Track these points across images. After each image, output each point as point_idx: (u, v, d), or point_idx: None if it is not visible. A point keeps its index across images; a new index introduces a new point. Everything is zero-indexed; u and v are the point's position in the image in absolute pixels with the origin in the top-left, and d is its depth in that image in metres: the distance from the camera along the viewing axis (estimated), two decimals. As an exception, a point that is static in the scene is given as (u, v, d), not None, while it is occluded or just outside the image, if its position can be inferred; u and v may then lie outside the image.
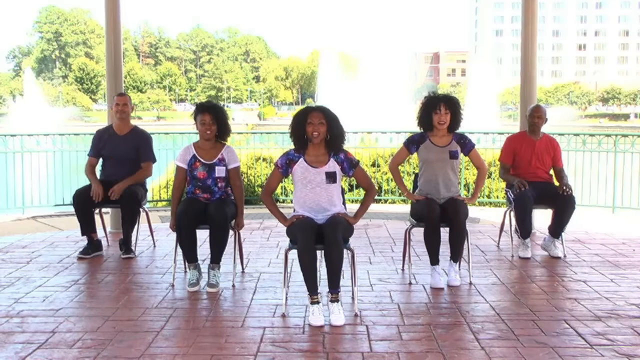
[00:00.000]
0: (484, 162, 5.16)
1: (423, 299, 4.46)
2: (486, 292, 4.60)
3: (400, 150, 5.07)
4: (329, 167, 4.22)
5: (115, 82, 6.81)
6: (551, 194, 5.54)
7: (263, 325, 3.88)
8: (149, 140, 5.94)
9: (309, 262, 3.95)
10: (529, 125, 5.87)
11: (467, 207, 4.78)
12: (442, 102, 4.83)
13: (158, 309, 4.21)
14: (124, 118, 5.88)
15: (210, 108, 4.85)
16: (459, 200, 4.81)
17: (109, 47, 6.87)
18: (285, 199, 9.35)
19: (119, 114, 5.85)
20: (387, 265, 5.42)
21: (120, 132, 5.87)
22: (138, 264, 5.50)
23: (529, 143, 5.79)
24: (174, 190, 4.94)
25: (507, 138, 6.08)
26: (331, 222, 4.07)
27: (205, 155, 4.85)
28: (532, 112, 5.84)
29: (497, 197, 9.24)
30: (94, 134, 6.02)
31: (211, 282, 4.66)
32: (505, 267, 5.39)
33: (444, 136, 4.91)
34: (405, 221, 5.49)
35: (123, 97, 5.95)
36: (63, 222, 7.58)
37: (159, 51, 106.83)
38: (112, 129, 5.93)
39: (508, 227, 5.94)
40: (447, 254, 4.86)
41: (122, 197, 5.54)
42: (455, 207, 4.70)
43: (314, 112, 4.17)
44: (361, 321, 3.97)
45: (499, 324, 3.91)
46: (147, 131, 6.12)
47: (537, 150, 5.74)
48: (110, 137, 5.86)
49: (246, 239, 6.23)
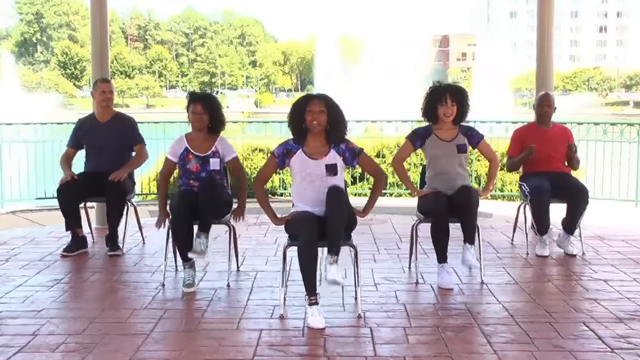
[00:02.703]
0: (496, 153, 5.14)
1: (431, 300, 4.46)
2: (499, 292, 4.60)
3: (405, 145, 5.06)
4: (329, 159, 4.22)
5: (101, 67, 6.79)
6: (568, 187, 5.53)
7: (260, 328, 3.88)
8: (134, 124, 6.00)
9: (309, 260, 3.94)
10: (538, 115, 5.88)
11: (478, 197, 4.77)
12: (448, 93, 4.82)
13: (147, 310, 4.21)
14: (109, 106, 5.89)
15: (202, 98, 4.88)
16: (469, 187, 4.79)
17: (94, 29, 6.85)
18: (284, 192, 9.35)
19: (105, 102, 5.86)
20: (392, 263, 5.42)
21: (102, 120, 5.89)
22: (126, 262, 5.50)
23: (539, 134, 5.79)
24: (160, 183, 4.97)
25: (515, 130, 6.10)
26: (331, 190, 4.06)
27: (198, 147, 4.86)
28: (541, 101, 5.84)
29: (511, 190, 9.23)
30: (76, 123, 6.04)
31: (195, 248, 4.56)
32: (520, 265, 5.38)
33: (450, 129, 4.92)
34: (412, 216, 5.49)
35: (109, 84, 5.95)
36: (45, 217, 7.58)
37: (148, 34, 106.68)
38: (94, 117, 5.95)
39: (523, 222, 5.94)
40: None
41: (107, 189, 5.54)
42: (464, 196, 4.68)
43: (314, 99, 4.18)
44: (365, 323, 3.97)
45: (512, 327, 3.90)
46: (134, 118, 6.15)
47: (549, 140, 5.73)
48: (93, 126, 5.88)
49: (242, 235, 6.23)
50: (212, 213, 4.71)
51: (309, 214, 4.12)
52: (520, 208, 5.98)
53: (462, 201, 4.67)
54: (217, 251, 5.64)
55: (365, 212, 4.31)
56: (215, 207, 4.73)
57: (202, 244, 4.61)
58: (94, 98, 5.96)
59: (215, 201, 4.72)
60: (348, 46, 73.11)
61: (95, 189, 5.59)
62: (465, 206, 4.66)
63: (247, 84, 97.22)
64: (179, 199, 4.65)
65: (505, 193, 9.27)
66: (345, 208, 4.04)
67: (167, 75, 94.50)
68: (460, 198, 4.69)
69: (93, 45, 6.90)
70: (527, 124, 6.14)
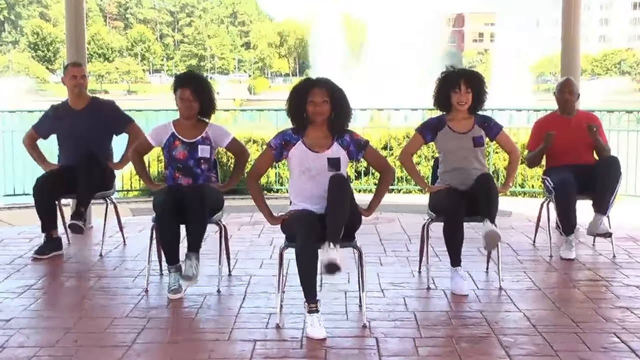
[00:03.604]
0: (516, 145, 5.14)
1: (444, 307, 4.46)
2: (519, 299, 4.60)
3: (414, 139, 5.06)
4: (332, 152, 4.22)
5: (76, 49, 6.79)
6: (595, 175, 5.48)
7: (254, 338, 3.89)
8: (114, 106, 6.06)
9: (308, 263, 3.93)
10: (559, 103, 5.88)
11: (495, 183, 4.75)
12: (462, 79, 4.82)
13: (129, 319, 4.21)
14: (82, 92, 5.90)
15: (191, 81, 4.87)
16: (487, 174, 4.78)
17: (68, 6, 6.84)
18: (280, 189, 9.36)
19: (77, 88, 5.85)
20: (400, 266, 5.42)
21: (76, 107, 5.89)
22: (105, 266, 5.50)
23: (562, 124, 5.79)
24: (133, 158, 5.05)
25: (535, 122, 6.10)
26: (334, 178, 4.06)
27: (186, 133, 4.88)
28: (562, 88, 5.84)
29: (533, 186, 9.24)
30: (48, 109, 6.05)
31: (185, 273, 4.53)
32: (542, 269, 5.39)
33: (465, 119, 4.92)
34: (422, 214, 5.49)
35: (80, 68, 5.96)
36: (14, 216, 7.59)
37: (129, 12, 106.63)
38: (68, 105, 5.96)
39: (546, 221, 5.94)
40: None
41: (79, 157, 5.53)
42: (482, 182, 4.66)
43: (317, 88, 4.17)
44: (370, 333, 3.97)
45: (534, 337, 3.91)
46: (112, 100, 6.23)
47: (573, 130, 5.73)
48: (67, 114, 5.88)
49: (234, 236, 6.24)
50: (202, 227, 4.68)
51: (308, 212, 4.12)
52: (544, 205, 5.98)
53: (481, 183, 4.65)
54: (206, 253, 5.62)
55: (371, 211, 4.31)
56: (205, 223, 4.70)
57: (192, 267, 4.54)
58: (65, 84, 5.95)
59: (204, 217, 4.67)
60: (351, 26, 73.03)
61: (72, 185, 5.58)
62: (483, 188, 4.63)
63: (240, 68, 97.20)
64: (164, 200, 4.64)
65: (527, 189, 9.27)
66: (348, 194, 4.03)
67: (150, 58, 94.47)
68: (478, 182, 4.68)
69: (67, 25, 6.89)
70: (548, 114, 6.14)
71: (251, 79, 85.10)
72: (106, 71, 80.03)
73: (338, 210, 3.97)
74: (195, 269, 4.56)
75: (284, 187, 9.22)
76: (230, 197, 6.47)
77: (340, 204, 3.98)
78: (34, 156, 5.90)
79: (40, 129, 5.93)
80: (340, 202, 3.98)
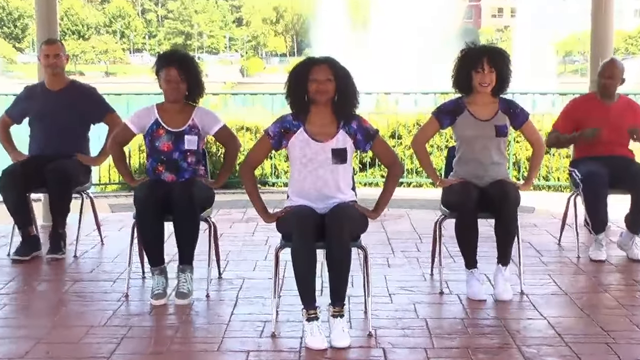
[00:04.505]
0: (541, 135, 5.13)
1: (458, 314, 4.47)
2: (543, 305, 4.61)
3: (429, 123, 5.05)
4: (337, 142, 4.21)
5: (47, 26, 6.79)
6: (631, 174, 5.51)
7: (246, 349, 3.89)
8: (95, 92, 6.08)
9: (306, 265, 3.95)
10: (599, 86, 5.86)
11: (519, 192, 4.77)
12: (485, 57, 4.80)
13: (107, 328, 4.22)
14: (57, 73, 5.90)
15: (176, 60, 4.85)
16: (507, 182, 4.80)
17: (39, -23, 6.83)
18: (276, 182, 9.36)
19: (50, 68, 5.86)
20: (410, 268, 5.43)
21: (53, 88, 5.90)
22: (80, 268, 5.51)
23: (600, 109, 5.77)
24: (113, 147, 5.05)
25: (570, 101, 6.08)
26: (335, 213, 4.07)
27: (171, 120, 4.86)
28: (602, 71, 5.82)
29: (558, 178, 9.24)
30: (22, 90, 6.09)
31: (181, 289, 4.63)
32: (569, 272, 5.40)
33: (488, 104, 4.90)
34: (434, 211, 5.49)
35: (54, 46, 5.95)
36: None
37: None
38: (44, 86, 5.97)
39: (573, 218, 5.94)
40: (490, 254, 4.86)
41: (49, 174, 5.53)
42: (502, 191, 4.69)
43: (319, 64, 4.16)
44: (377, 343, 3.97)
45: (560, 348, 3.91)
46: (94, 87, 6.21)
47: (612, 117, 5.72)
48: (42, 95, 5.90)
49: (224, 234, 6.24)
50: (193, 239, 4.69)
51: (306, 209, 4.12)
52: (570, 200, 5.97)
53: (500, 196, 4.67)
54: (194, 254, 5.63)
55: (378, 212, 4.31)
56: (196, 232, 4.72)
57: (187, 282, 4.64)
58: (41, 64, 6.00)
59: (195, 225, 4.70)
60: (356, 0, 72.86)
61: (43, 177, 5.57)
62: (502, 203, 4.66)
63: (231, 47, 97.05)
64: (146, 195, 4.64)
65: (551, 182, 9.27)
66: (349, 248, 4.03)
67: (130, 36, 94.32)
68: (497, 192, 4.69)
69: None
70: (586, 95, 6.13)
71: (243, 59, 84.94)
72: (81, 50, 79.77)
73: (339, 272, 4.00)
74: (190, 284, 4.64)
75: (280, 180, 9.22)
76: (220, 191, 6.45)
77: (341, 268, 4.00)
78: (4, 144, 5.91)
79: (13, 112, 5.96)
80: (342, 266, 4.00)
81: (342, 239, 3.98)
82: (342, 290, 4.01)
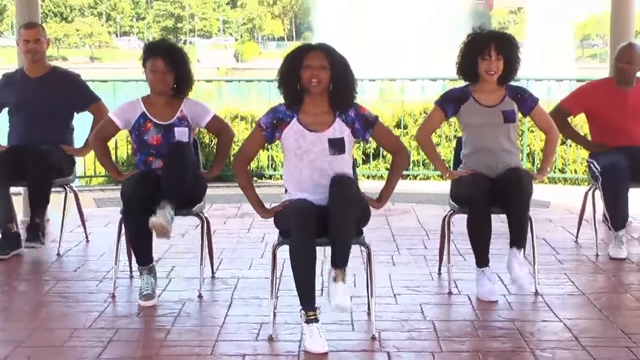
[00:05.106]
0: (554, 123, 5.12)
1: (468, 316, 4.48)
2: (559, 307, 4.61)
3: (433, 113, 5.07)
4: (334, 132, 4.22)
5: (28, 8, 6.78)
6: None
7: (242, 352, 3.90)
8: (78, 79, 6.10)
9: (305, 263, 3.95)
10: (616, 71, 5.87)
11: (532, 182, 4.77)
12: (492, 43, 4.82)
13: (92, 330, 4.22)
14: (38, 59, 5.91)
15: (163, 50, 4.88)
16: (519, 169, 4.79)
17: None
18: (273, 174, 9.35)
19: (30, 54, 5.86)
20: (417, 267, 5.44)
21: (33, 75, 5.91)
22: (64, 267, 5.51)
23: (616, 95, 5.78)
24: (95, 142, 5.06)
25: (586, 82, 6.13)
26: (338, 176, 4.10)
27: (159, 113, 4.88)
28: (619, 55, 5.82)
29: (575, 170, 9.23)
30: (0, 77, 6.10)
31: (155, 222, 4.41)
32: (587, 270, 5.40)
33: (494, 91, 4.92)
34: (442, 205, 5.48)
35: (33, 30, 5.95)
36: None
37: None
38: (24, 73, 5.98)
39: (591, 214, 5.94)
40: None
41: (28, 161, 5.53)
42: (515, 177, 4.68)
43: (313, 51, 4.18)
44: (380, 347, 3.98)
45: (577, 352, 3.92)
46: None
47: (630, 104, 5.72)
48: (21, 82, 5.91)
49: (218, 231, 6.24)
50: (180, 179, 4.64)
51: (305, 203, 4.12)
52: (589, 194, 5.97)
53: (510, 188, 4.67)
54: (185, 252, 5.64)
55: (382, 202, 4.32)
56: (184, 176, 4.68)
57: (167, 213, 4.46)
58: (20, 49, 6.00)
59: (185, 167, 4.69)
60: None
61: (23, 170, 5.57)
62: (513, 195, 4.66)
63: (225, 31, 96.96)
64: (134, 187, 4.63)
65: (568, 175, 9.27)
66: (356, 206, 4.04)
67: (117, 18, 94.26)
68: (508, 184, 4.69)
69: (16, -23, 6.87)
70: (603, 79, 6.13)
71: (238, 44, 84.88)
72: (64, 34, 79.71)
73: (343, 228, 3.98)
74: (171, 215, 4.48)
75: (277, 172, 9.22)
76: (214, 184, 6.46)
77: (346, 219, 3.98)
78: None
79: None
80: (347, 221, 3.98)
81: (347, 196, 3.98)
82: (345, 251, 3.98)
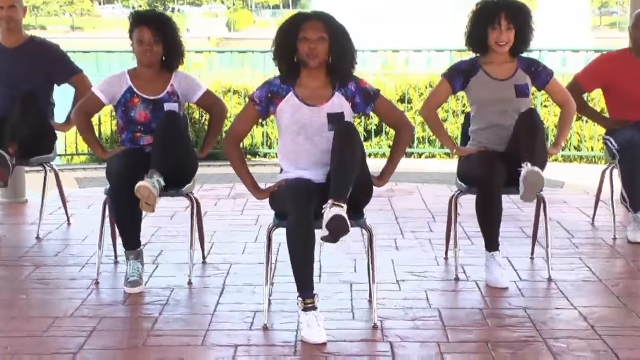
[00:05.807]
0: (570, 96, 5.12)
1: (476, 303, 4.48)
2: (573, 293, 4.62)
3: (439, 86, 5.06)
4: (333, 106, 4.22)
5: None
6: None
7: (234, 343, 3.90)
8: (58, 49, 6.08)
9: (303, 247, 3.93)
10: (633, 40, 5.87)
11: None
12: (502, 12, 4.80)
13: (74, 319, 4.22)
14: (13, 27, 5.88)
15: (150, 19, 4.86)
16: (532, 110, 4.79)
17: None
18: (268, 152, 9.34)
19: (4, 21, 5.84)
20: (422, 251, 5.45)
21: (9, 45, 5.90)
22: (44, 251, 5.52)
23: (633, 67, 5.78)
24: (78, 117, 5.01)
25: (602, 54, 6.13)
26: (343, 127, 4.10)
27: (147, 88, 4.86)
28: (636, 23, 5.81)
29: (592, 148, 9.23)
30: None
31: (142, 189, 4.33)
32: (604, 255, 5.41)
33: (506, 62, 4.91)
34: (449, 185, 5.48)
35: None
36: None
37: None
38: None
39: (609, 194, 5.94)
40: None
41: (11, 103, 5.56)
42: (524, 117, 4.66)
43: (310, 21, 4.16)
44: (383, 336, 3.98)
45: (593, 342, 3.91)
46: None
47: None
48: None
49: (209, 213, 6.24)
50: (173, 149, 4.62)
51: (303, 182, 4.11)
52: (606, 173, 5.97)
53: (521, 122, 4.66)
54: (174, 235, 5.65)
55: (384, 179, 4.32)
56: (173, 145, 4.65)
57: (155, 182, 4.39)
58: None
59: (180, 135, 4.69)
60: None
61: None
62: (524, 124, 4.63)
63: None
64: (123, 165, 4.61)
65: (584, 152, 9.27)
66: (359, 147, 4.04)
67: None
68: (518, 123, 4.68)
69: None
70: (620, 50, 6.13)
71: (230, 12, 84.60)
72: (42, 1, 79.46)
73: (347, 166, 3.96)
74: (159, 184, 4.43)
75: (273, 150, 9.21)
76: (204, 163, 6.44)
77: (349, 159, 3.96)
78: None
79: None
80: (350, 158, 3.96)
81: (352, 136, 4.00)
82: (346, 185, 3.93)
